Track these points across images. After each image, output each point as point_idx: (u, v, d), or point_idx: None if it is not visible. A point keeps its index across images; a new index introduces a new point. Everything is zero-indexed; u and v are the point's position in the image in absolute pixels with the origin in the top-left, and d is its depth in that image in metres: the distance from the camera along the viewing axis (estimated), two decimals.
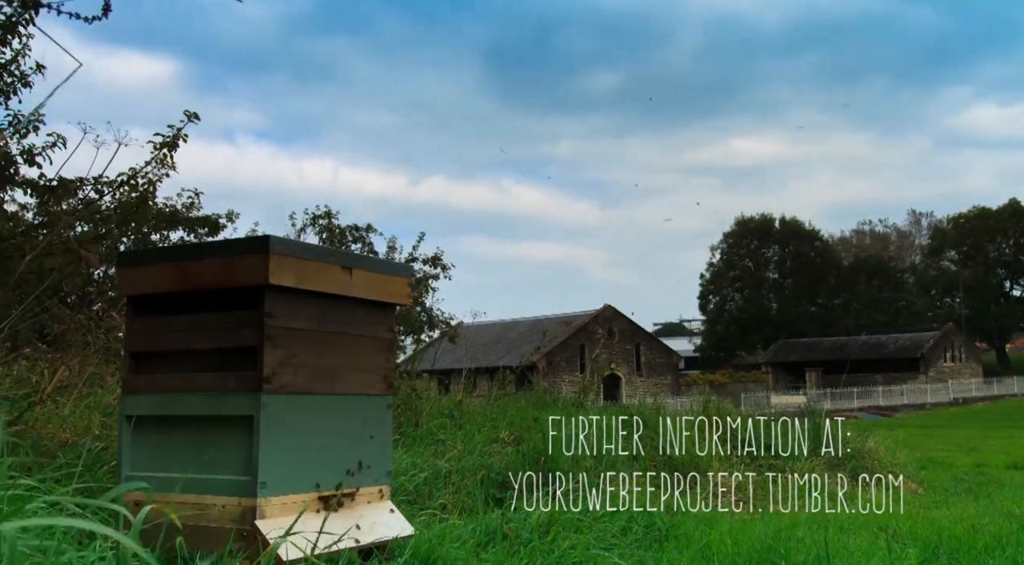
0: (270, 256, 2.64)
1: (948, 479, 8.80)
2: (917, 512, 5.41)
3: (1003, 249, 65.87)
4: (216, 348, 2.75)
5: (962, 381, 51.81)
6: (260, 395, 2.61)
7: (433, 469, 4.66)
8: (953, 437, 21.03)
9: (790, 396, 45.92)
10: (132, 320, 2.95)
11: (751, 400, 38.74)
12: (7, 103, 6.27)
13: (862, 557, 3.56)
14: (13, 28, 6.04)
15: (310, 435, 2.77)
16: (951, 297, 67.07)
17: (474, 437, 5.67)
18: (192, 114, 6.75)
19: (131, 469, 2.78)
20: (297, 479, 2.69)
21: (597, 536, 3.68)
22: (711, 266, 71.16)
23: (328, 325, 2.88)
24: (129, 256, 3.32)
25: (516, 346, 43.34)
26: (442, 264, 14.82)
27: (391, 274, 3.15)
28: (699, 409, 7.96)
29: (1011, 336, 69.01)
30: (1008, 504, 5.96)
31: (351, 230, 15.47)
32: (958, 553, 3.76)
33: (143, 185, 6.91)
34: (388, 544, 2.89)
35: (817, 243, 70.13)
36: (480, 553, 3.20)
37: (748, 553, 3.56)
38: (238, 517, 2.56)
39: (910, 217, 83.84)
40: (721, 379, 54.22)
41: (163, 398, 2.80)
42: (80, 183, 6.76)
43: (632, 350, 49.01)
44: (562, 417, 5.29)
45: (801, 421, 6.76)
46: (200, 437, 2.71)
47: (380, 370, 3.07)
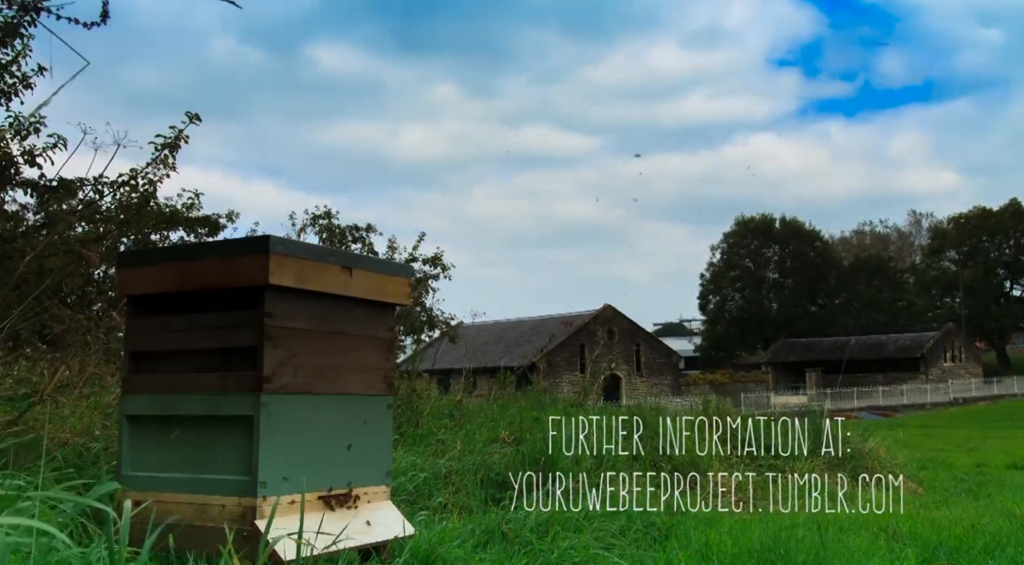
0: (270, 256, 2.64)
1: (948, 479, 8.79)
2: (917, 512, 5.41)
3: (1003, 249, 65.83)
4: (216, 348, 2.75)
5: (962, 381, 51.80)
6: (260, 395, 2.61)
7: (433, 469, 4.66)
8: (953, 437, 21.02)
9: (790, 396, 45.98)
10: (132, 320, 2.95)
11: (751, 400, 38.75)
12: (8, 105, 6.27)
13: (862, 557, 3.56)
14: (14, 30, 6.05)
15: (310, 435, 2.77)
16: (951, 297, 67.03)
17: (474, 437, 5.67)
18: (194, 115, 6.75)
19: (131, 469, 2.78)
20: (297, 479, 2.69)
21: (597, 536, 3.68)
22: (711, 266, 71.17)
23: (328, 325, 2.88)
24: (129, 256, 3.32)
25: (516, 346, 43.37)
26: (442, 264, 14.83)
27: (391, 274, 3.15)
28: (699, 409, 7.96)
29: (1011, 336, 69.00)
30: (1008, 504, 5.95)
31: (351, 230, 15.47)
32: (958, 553, 3.76)
33: (144, 186, 6.92)
34: (388, 544, 2.89)
35: (817, 243, 70.10)
36: (480, 553, 3.20)
37: (748, 553, 3.56)
38: (238, 517, 2.56)
39: (910, 217, 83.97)
40: (721, 379, 54.23)
41: (163, 398, 2.80)
42: (80, 183, 6.77)
43: (632, 350, 49.01)
44: (562, 417, 5.29)
45: (801, 421, 6.76)
46: (200, 437, 2.71)
47: (380, 370, 3.07)
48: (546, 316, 50.23)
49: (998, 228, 64.88)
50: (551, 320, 48.11)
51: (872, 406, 44.07)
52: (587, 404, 9.40)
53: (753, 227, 69.93)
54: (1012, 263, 65.34)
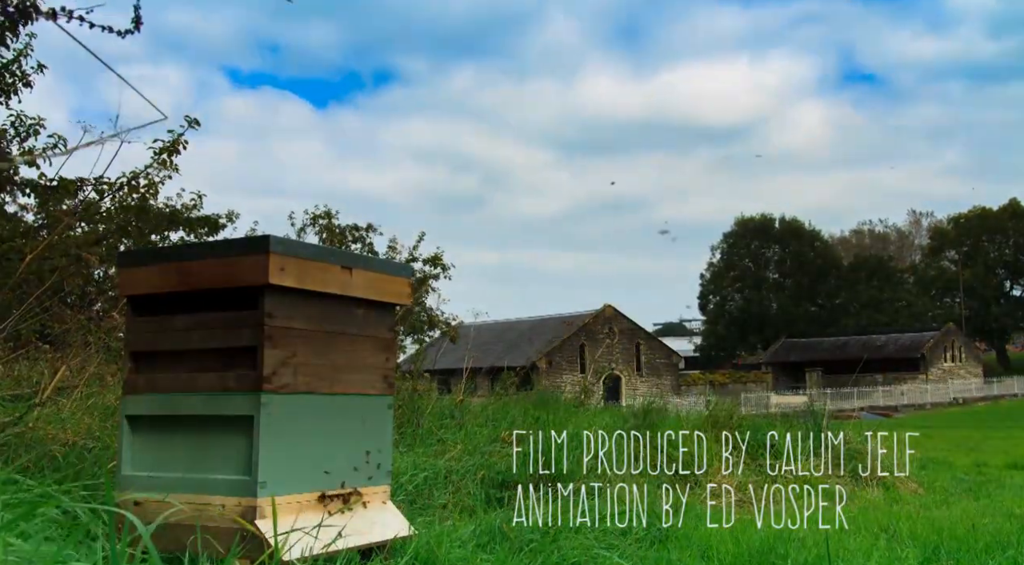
0: (270, 256, 2.64)
1: (948, 479, 8.77)
2: (917, 512, 5.41)
3: (1003, 249, 65.86)
4: (216, 348, 2.75)
5: (962, 381, 51.80)
6: (260, 395, 2.60)
7: (434, 469, 4.65)
8: (953, 437, 21.00)
9: (790, 396, 45.91)
10: (132, 320, 2.94)
11: (751, 400, 38.70)
12: (7, 103, 6.27)
13: (862, 557, 3.56)
14: (13, 28, 6.04)
15: (310, 435, 2.77)
16: (951, 297, 67.06)
17: (475, 437, 5.67)
18: (193, 120, 6.75)
19: (131, 469, 2.78)
20: (297, 479, 2.69)
21: (598, 536, 3.68)
22: (711, 266, 71.19)
23: (328, 325, 2.87)
24: (129, 256, 3.31)
25: (517, 346, 43.39)
26: (442, 264, 14.84)
27: (391, 274, 3.15)
28: (700, 409, 7.95)
29: (1011, 336, 69.01)
30: (1008, 504, 5.95)
31: (351, 230, 15.50)
32: (958, 553, 3.76)
33: (144, 187, 6.93)
34: (388, 544, 2.89)
35: (817, 243, 70.14)
36: (481, 553, 3.20)
37: (748, 553, 3.56)
38: (238, 517, 2.56)
39: (910, 217, 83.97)
40: (721, 379, 54.21)
41: (163, 398, 2.80)
42: (81, 184, 6.77)
43: (632, 350, 49.01)
44: (563, 417, 5.29)
45: (801, 421, 6.75)
46: (200, 437, 2.71)
47: (380, 370, 3.07)
48: (546, 316, 50.23)
49: (998, 228, 64.90)
50: (551, 320, 48.12)
51: (872, 406, 44.07)
52: (588, 404, 9.39)
53: (753, 227, 69.94)
54: (1012, 263, 65.36)
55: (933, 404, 46.57)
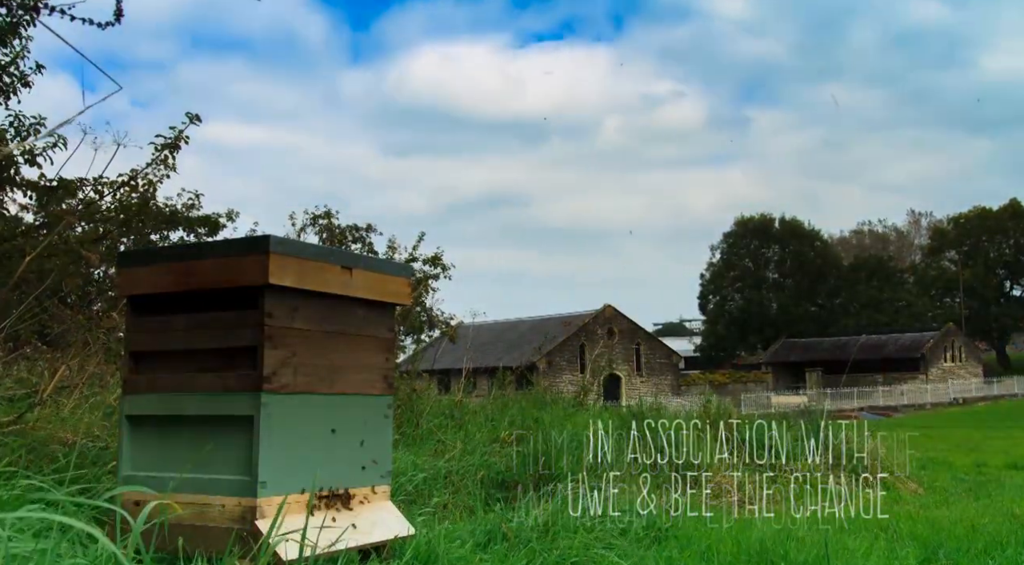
0: (270, 256, 2.64)
1: (948, 479, 8.78)
2: (917, 512, 5.41)
3: (1003, 249, 65.83)
4: (216, 348, 2.75)
5: (962, 381, 51.80)
6: (260, 395, 2.61)
7: (433, 469, 4.66)
8: (953, 437, 21.01)
9: (790, 396, 45.91)
10: (132, 320, 2.94)
11: (751, 400, 38.77)
12: (7, 103, 6.27)
13: (862, 557, 3.56)
14: (14, 29, 6.04)
15: (310, 435, 2.77)
16: (951, 297, 67.02)
17: (474, 437, 5.67)
18: (194, 116, 6.74)
19: (131, 469, 2.78)
20: (297, 479, 2.69)
21: (597, 536, 3.68)
22: (711, 266, 71.15)
23: (328, 325, 2.87)
24: (129, 256, 3.31)
25: (516, 346, 43.35)
26: (442, 264, 14.82)
27: (391, 274, 3.15)
28: (700, 409, 7.95)
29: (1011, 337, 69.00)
30: (1008, 504, 5.96)
31: (351, 230, 15.48)
32: (958, 553, 3.76)
33: (144, 186, 6.92)
34: (388, 544, 2.89)
35: (817, 243, 70.08)
36: (480, 553, 3.20)
37: (748, 553, 3.56)
38: (238, 517, 2.56)
39: (910, 217, 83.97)
40: (721, 379, 54.21)
41: (163, 398, 2.80)
42: (80, 183, 6.77)
43: (632, 350, 49.01)
44: (562, 417, 5.29)
45: (801, 421, 6.75)
46: (200, 437, 2.71)
47: (380, 370, 3.07)
48: (546, 316, 50.23)
49: (998, 228, 64.88)
50: (551, 320, 48.12)
51: (872, 406, 44.07)
52: (587, 404, 9.40)
53: (752, 227, 69.92)
54: (1012, 263, 65.32)
55: (933, 404, 46.56)
